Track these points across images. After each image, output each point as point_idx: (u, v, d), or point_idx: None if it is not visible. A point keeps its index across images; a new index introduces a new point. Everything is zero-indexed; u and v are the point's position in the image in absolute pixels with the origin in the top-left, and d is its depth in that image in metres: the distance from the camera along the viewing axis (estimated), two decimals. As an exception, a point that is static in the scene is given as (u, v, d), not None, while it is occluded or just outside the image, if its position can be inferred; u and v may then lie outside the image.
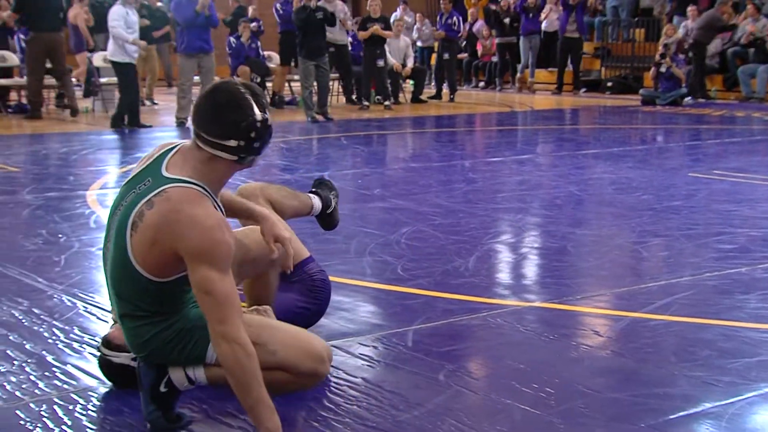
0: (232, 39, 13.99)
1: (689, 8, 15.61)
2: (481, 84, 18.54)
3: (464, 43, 18.98)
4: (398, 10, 19.31)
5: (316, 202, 3.59)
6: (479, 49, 18.79)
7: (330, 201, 3.64)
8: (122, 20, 10.70)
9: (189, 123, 11.34)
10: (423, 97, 15.31)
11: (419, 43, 17.52)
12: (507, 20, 17.26)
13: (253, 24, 14.51)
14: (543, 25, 17.04)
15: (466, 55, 18.87)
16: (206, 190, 2.48)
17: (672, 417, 2.69)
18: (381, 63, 13.73)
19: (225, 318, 2.36)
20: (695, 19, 15.39)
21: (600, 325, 3.64)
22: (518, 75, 17.54)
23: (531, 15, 16.70)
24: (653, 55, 16.12)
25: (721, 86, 15.29)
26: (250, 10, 16.33)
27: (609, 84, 16.83)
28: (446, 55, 15.73)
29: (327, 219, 3.66)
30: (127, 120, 11.07)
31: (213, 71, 11.63)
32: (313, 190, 3.66)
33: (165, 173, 2.51)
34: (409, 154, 9.66)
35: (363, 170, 7.92)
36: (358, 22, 14.80)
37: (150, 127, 11.22)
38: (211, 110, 2.47)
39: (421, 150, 9.87)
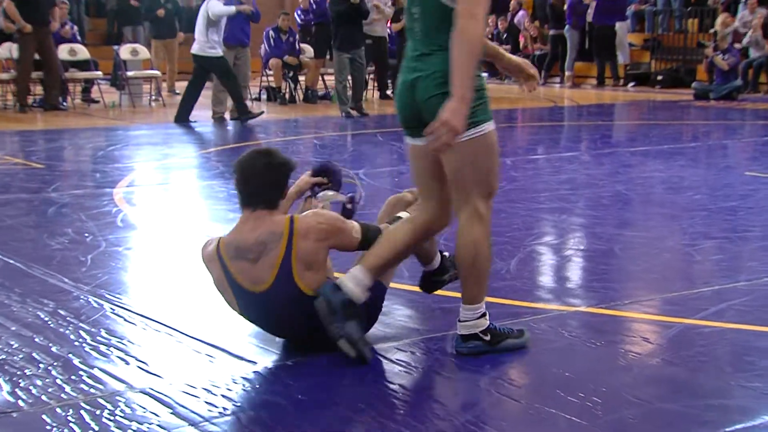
0: (270, 31, 14.07)
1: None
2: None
3: (505, 35, 18.94)
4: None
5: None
6: (521, 41, 18.72)
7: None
8: (219, 7, 10.92)
9: (227, 116, 11.44)
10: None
11: None
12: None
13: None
14: (590, 17, 16.99)
15: (507, 47, 18.81)
16: None
17: (728, 430, 2.66)
18: None
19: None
20: (754, 10, 15.20)
21: (649, 331, 3.61)
22: (567, 73, 17.42)
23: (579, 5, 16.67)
24: (707, 46, 15.98)
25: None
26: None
27: (659, 77, 16.69)
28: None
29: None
30: (238, 113, 11.27)
31: (249, 65, 11.74)
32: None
33: None
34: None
35: (399, 168, 7.92)
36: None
37: (261, 113, 11.48)
38: None
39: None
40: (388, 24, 14.13)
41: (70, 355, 3.29)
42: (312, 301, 3.11)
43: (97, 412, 2.81)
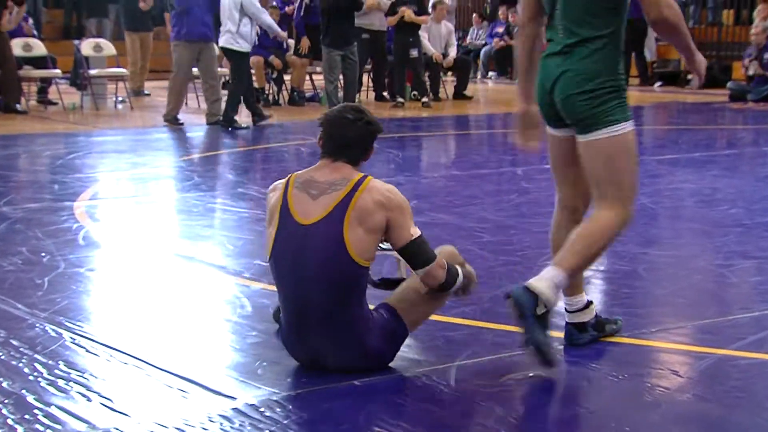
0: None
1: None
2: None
3: (516, 29, 19.02)
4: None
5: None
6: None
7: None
8: (258, 3, 11.27)
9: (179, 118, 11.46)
10: (468, 92, 15.34)
11: None
12: None
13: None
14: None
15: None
16: None
17: (766, 474, 2.67)
18: (414, 53, 13.78)
19: None
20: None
21: (679, 363, 3.61)
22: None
23: None
24: (744, 41, 16.01)
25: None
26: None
27: (689, 76, 16.71)
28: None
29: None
30: (223, 114, 11.46)
31: (215, 63, 11.77)
32: None
33: None
34: (452, 160, 9.68)
35: (397, 178, 7.93)
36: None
37: (269, 116, 11.62)
38: None
39: (465, 155, 9.89)
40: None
41: (23, 391, 3.29)
42: (350, 259, 3.27)
43: (55, 455, 2.80)
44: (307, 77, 14.90)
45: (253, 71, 14.13)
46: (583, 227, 3.52)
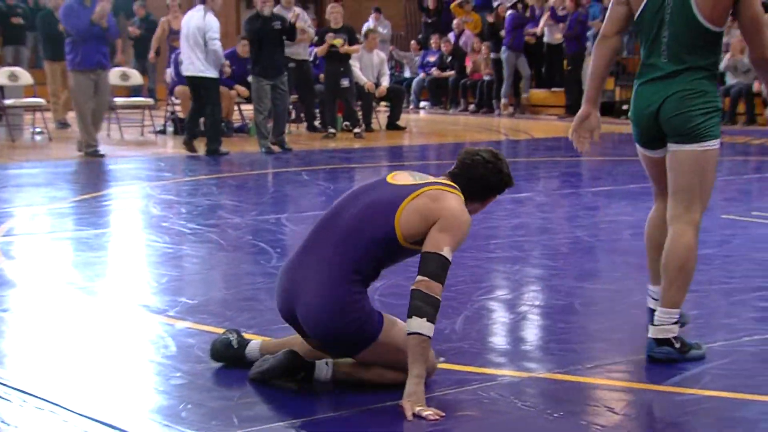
0: (180, 55, 14.02)
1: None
2: (472, 107, 18.71)
3: (449, 58, 19.21)
4: (370, 19, 19.54)
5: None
6: (468, 65, 19.01)
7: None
8: (218, 32, 11.48)
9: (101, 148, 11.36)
10: (401, 123, 15.42)
11: None
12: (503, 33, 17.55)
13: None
14: (545, 38, 17.44)
15: (452, 72, 19.07)
16: None
17: None
18: (345, 83, 13.82)
19: None
20: (729, 31, 15.66)
21: (615, 400, 3.64)
22: (503, 100, 17.74)
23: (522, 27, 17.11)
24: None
25: (760, 109, 15.50)
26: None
27: (625, 107, 17.07)
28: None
29: None
30: (207, 145, 11.71)
31: (108, 90, 11.76)
32: None
33: None
34: (385, 192, 9.68)
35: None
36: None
37: (227, 154, 11.68)
38: None
39: (398, 187, 9.90)
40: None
41: (-69, 440, 3.20)
42: (392, 225, 3.51)
43: (-36, 507, 2.73)
44: (236, 107, 14.85)
45: (178, 101, 14.09)
46: (672, 256, 3.96)
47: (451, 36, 19.47)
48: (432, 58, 19.28)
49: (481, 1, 20.09)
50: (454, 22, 19.42)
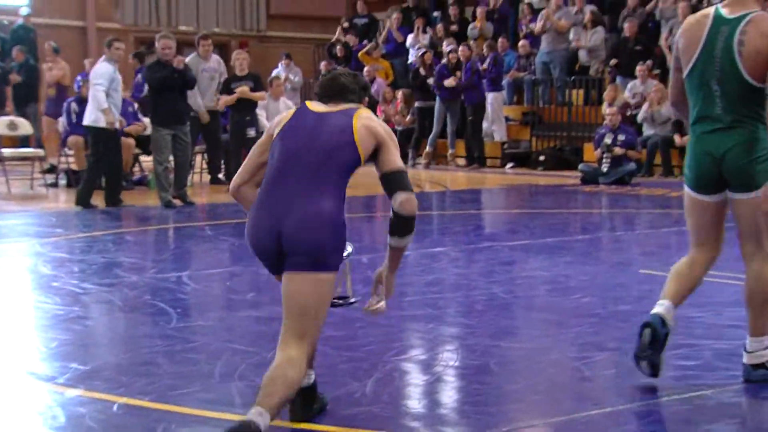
0: (73, 103, 13.86)
1: (638, 67, 16.26)
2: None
3: (360, 108, 19.32)
4: (280, 65, 19.60)
5: None
6: (380, 115, 19.15)
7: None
8: (108, 81, 11.48)
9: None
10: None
11: None
12: (431, 81, 17.73)
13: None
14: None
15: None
16: None
17: None
18: (252, 133, 13.79)
19: None
20: (645, 81, 16.07)
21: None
22: (428, 149, 17.90)
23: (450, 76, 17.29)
24: (595, 122, 16.71)
25: (678, 160, 15.85)
26: (87, 64, 16.32)
27: (541, 158, 17.33)
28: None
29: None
30: (106, 197, 11.72)
31: None
32: None
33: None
34: (292, 248, 9.65)
35: (232, 269, 7.87)
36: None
37: (126, 207, 11.65)
38: None
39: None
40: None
41: None
42: (354, 146, 3.93)
43: None
44: (134, 158, 14.70)
45: (71, 152, 13.90)
46: (756, 291, 4.55)
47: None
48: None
49: (392, 47, 20.30)
50: (365, 69, 19.55)
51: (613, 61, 17.22)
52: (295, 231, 3.80)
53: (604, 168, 14.68)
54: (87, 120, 11.66)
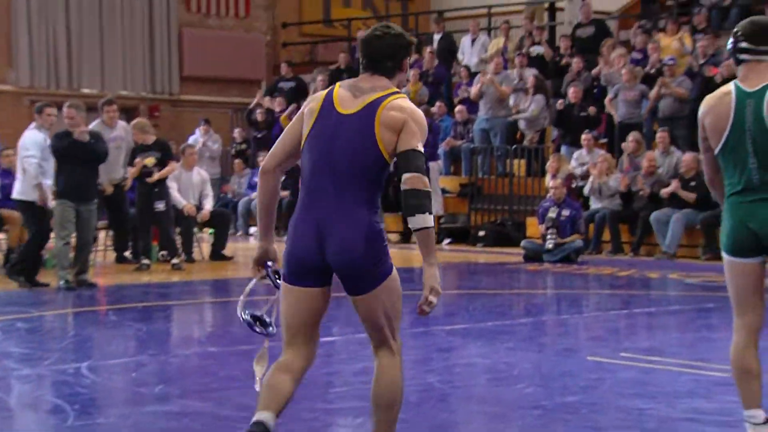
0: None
1: (584, 136, 16.49)
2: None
3: (283, 177, 19.35)
4: (197, 131, 19.61)
5: None
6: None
7: None
8: (39, 150, 11.60)
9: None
10: (227, 252, 15.36)
11: None
12: None
13: None
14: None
15: (286, 193, 19.19)
16: None
17: None
18: (161, 206, 13.71)
19: None
20: (591, 150, 16.31)
21: None
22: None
23: None
24: (538, 194, 16.90)
25: (627, 236, 16.04)
26: None
27: (480, 233, 17.41)
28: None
29: None
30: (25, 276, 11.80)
31: None
32: None
33: None
34: (207, 334, 9.59)
35: (139, 358, 7.78)
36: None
37: (47, 286, 11.64)
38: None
39: (223, 327, 9.82)
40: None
41: None
42: (378, 150, 4.37)
43: None
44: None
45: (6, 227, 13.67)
46: None
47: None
48: (263, 178, 19.33)
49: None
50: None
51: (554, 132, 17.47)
52: (341, 259, 4.37)
53: (549, 245, 14.80)
54: (18, 194, 11.74)
